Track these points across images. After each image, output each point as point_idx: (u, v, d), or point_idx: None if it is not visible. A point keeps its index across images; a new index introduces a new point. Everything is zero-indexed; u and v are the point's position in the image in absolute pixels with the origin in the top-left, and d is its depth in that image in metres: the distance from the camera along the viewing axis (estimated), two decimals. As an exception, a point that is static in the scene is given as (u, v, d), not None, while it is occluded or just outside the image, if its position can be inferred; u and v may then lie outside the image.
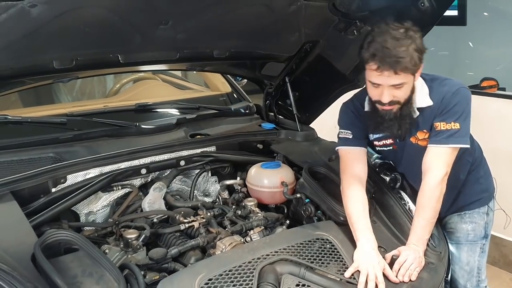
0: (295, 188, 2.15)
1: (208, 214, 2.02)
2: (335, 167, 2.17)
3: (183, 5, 1.83)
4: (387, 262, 1.70)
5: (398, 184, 2.08)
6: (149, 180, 2.17)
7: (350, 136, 1.95)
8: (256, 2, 2.00)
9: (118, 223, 1.88)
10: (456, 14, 3.70)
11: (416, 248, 1.75)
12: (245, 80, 3.17)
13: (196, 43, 2.17)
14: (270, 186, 2.14)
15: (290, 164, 2.31)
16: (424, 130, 1.88)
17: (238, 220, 2.02)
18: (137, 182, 2.13)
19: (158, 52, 2.16)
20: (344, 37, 2.25)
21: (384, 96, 1.74)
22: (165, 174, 2.22)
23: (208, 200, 2.31)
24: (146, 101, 2.66)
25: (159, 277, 1.59)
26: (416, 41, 1.69)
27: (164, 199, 2.10)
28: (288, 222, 2.05)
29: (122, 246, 1.75)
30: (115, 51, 2.03)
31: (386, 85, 1.72)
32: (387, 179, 2.08)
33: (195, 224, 1.93)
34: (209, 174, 2.35)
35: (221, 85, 3.10)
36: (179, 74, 3.81)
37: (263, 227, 1.94)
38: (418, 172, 1.87)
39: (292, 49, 2.43)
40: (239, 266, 1.54)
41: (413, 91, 1.80)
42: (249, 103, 2.97)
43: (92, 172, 2.02)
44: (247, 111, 2.90)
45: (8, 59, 1.79)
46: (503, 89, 3.62)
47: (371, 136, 2.01)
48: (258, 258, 1.59)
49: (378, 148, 2.06)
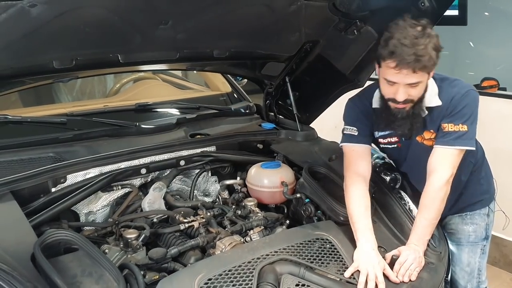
0: (295, 188, 2.15)
1: (208, 214, 2.02)
2: (335, 167, 2.17)
3: (183, 5, 1.83)
4: (387, 262, 1.70)
5: (398, 184, 2.08)
6: (149, 180, 2.17)
7: (356, 133, 1.93)
8: (256, 2, 1.99)
9: (118, 223, 1.88)
10: (456, 13, 3.68)
11: (416, 248, 1.74)
12: (245, 80, 3.17)
13: (196, 43, 2.17)
14: (270, 186, 2.14)
15: (290, 164, 2.31)
16: (431, 130, 1.87)
17: (238, 220, 2.01)
18: (137, 182, 2.13)
19: (158, 52, 2.16)
20: (345, 37, 2.25)
21: (399, 94, 1.72)
22: (165, 174, 2.22)
23: (208, 200, 2.31)
24: (146, 101, 2.66)
25: (158, 277, 1.59)
26: (433, 39, 1.67)
27: (164, 199, 2.09)
28: (288, 222, 2.05)
29: (122, 246, 1.75)
30: (115, 51, 2.02)
31: (402, 83, 1.69)
32: (387, 179, 2.07)
33: (195, 224, 1.93)
34: (209, 174, 2.35)
35: (221, 85, 3.10)
36: (179, 74, 3.81)
37: (263, 227, 1.94)
38: (421, 171, 1.86)
39: (292, 49, 2.43)
40: (239, 266, 1.54)
41: (426, 90, 1.79)
42: (249, 103, 2.97)
43: (92, 172, 2.02)
44: (247, 111, 2.90)
45: (8, 58, 1.79)
46: (504, 89, 3.61)
47: (376, 134, 1.99)
48: (258, 258, 1.59)
49: (382, 145, 2.05)
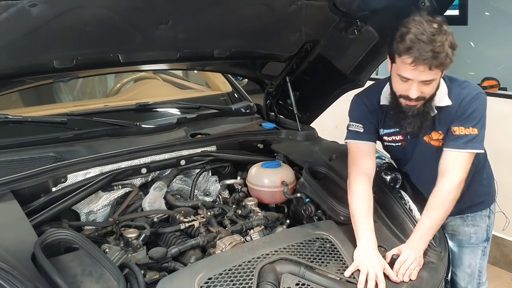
0: (295, 187, 2.15)
1: (208, 214, 2.02)
2: (336, 167, 2.17)
3: (184, 4, 1.83)
4: (387, 261, 1.70)
5: (398, 183, 2.08)
6: (149, 179, 2.17)
7: (361, 130, 1.92)
8: (256, 1, 1.99)
9: (118, 222, 1.88)
10: (457, 13, 3.69)
11: (416, 247, 1.74)
12: (245, 79, 3.17)
13: (196, 43, 2.17)
14: (270, 185, 2.14)
15: (291, 163, 2.31)
16: (439, 131, 1.86)
17: (238, 219, 2.01)
18: (137, 181, 2.13)
19: (159, 51, 2.16)
20: (345, 36, 2.25)
21: (412, 91, 1.70)
22: (165, 173, 2.22)
23: (209, 199, 2.31)
24: (146, 100, 2.66)
25: (159, 276, 1.60)
26: (449, 36, 1.65)
27: (164, 198, 2.10)
28: (288, 221, 2.05)
29: (122, 245, 1.75)
30: (116, 50, 2.03)
31: (416, 80, 1.67)
32: (388, 178, 2.07)
33: (195, 224, 1.93)
34: (209, 174, 2.35)
35: (221, 84, 3.10)
36: (180, 74, 3.81)
37: (263, 227, 1.94)
38: (424, 170, 1.85)
39: (293, 48, 2.43)
40: (239, 265, 1.54)
41: (438, 88, 1.77)
42: (249, 102, 2.97)
43: (93, 172, 2.02)
44: (247, 111, 2.90)
45: (9, 58, 1.80)
46: (504, 89, 3.62)
47: (381, 131, 1.98)
48: (258, 258, 1.59)
49: (386, 143, 2.03)
